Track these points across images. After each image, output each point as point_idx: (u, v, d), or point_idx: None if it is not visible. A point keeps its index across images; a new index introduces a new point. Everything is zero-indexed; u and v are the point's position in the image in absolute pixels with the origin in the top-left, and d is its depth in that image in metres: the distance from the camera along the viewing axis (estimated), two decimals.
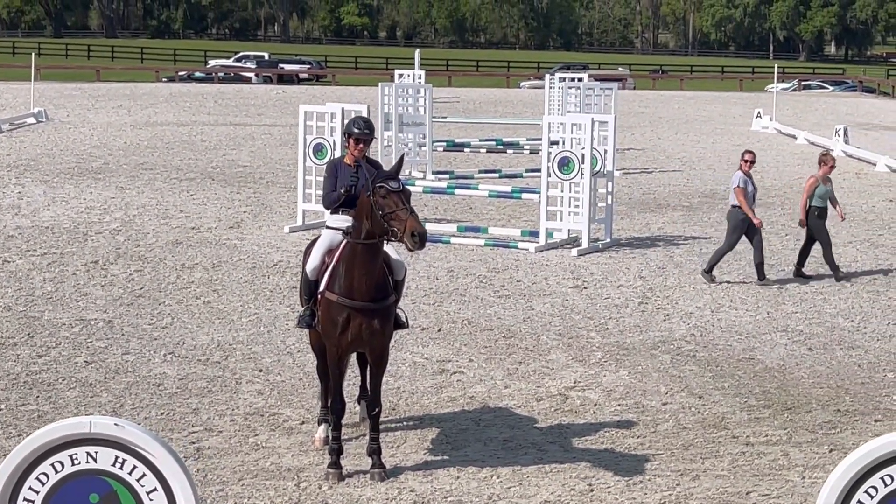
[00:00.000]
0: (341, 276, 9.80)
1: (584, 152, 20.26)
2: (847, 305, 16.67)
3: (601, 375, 12.99)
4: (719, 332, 15.00)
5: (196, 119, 45.40)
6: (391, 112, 28.88)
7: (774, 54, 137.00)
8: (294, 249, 19.26)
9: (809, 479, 10.02)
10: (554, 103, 36.07)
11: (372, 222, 9.49)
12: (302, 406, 11.67)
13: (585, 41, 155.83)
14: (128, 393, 11.98)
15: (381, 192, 9.43)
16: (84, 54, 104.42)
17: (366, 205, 9.54)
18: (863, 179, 30.92)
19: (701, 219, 23.95)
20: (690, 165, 33.72)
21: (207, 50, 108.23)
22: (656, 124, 48.31)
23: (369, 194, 9.50)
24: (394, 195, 9.41)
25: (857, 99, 73.27)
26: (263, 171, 30.03)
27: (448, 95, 60.90)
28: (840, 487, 6.86)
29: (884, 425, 11.42)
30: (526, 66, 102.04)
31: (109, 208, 23.33)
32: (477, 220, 23.09)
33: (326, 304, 9.90)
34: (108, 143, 35.78)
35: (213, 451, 10.40)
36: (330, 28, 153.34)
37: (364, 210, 9.57)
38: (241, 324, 14.83)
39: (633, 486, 9.79)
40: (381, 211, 9.39)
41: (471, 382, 12.65)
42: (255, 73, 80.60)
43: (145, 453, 6.79)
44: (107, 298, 15.99)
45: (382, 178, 9.54)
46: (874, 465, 6.84)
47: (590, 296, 16.91)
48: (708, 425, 11.42)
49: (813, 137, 41.09)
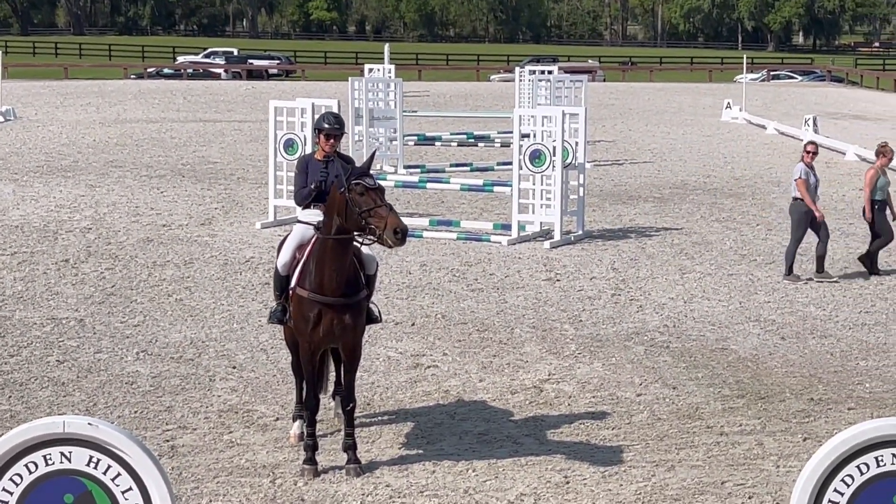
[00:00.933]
0: (312, 272, 9.76)
1: (556, 145, 20.28)
2: (819, 294, 16.74)
3: (575, 368, 13.00)
4: (692, 323, 15.03)
5: (165, 116, 45.22)
6: (361, 107, 28.83)
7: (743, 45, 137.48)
8: (266, 245, 19.20)
9: (784, 468, 10.05)
10: (524, 96, 36.08)
11: (347, 219, 9.44)
12: (276, 402, 11.64)
13: (555, 34, 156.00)
14: (101, 392, 11.91)
15: (359, 188, 9.38)
16: (52, 52, 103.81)
17: (339, 201, 9.48)
18: (832, 169, 31.05)
19: (672, 210, 24.00)
20: (661, 157, 33.79)
21: (176, 46, 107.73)
22: (626, 116, 48.41)
23: (343, 191, 9.44)
24: (371, 192, 9.38)
25: (826, 88, 73.61)
26: (234, 167, 29.94)
27: (418, 89, 60.87)
28: (816, 477, 6.89)
29: (857, 413, 11.47)
30: (496, 59, 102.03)
31: (79, 206, 23.21)
32: (449, 213, 23.08)
33: (298, 300, 9.87)
34: (77, 140, 35.60)
35: (187, 449, 10.35)
36: (299, 23, 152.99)
37: (336, 206, 9.51)
38: (213, 321, 14.78)
39: (608, 478, 9.80)
40: (359, 208, 9.34)
41: (445, 376, 12.64)
42: (224, 69, 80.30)
43: (120, 452, 6.75)
44: (78, 297, 15.90)
45: (357, 175, 9.48)
46: (850, 454, 6.86)
47: (563, 288, 16.93)
48: (682, 416, 11.44)
49: (782, 127, 41.26)
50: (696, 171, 30.28)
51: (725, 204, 24.80)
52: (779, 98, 61.08)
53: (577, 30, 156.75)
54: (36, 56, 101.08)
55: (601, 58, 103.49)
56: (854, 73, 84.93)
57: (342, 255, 9.65)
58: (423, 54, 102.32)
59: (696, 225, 22.21)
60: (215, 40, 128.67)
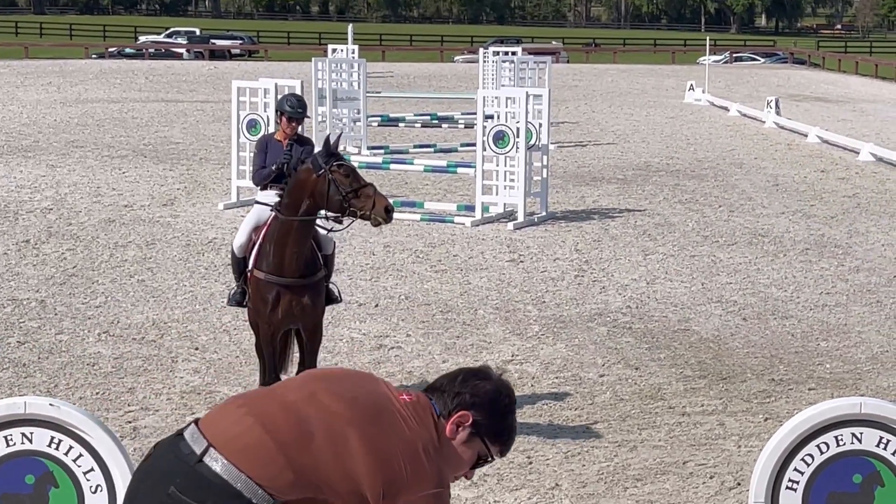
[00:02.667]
0: (269, 254, 9.73)
1: (519, 126, 20.29)
2: (780, 276, 16.84)
3: (538, 348, 13.03)
4: (655, 304, 15.09)
5: (127, 96, 44.94)
6: (325, 87, 28.75)
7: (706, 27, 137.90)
8: (229, 227, 19.13)
9: (745, 447, 10.11)
10: (488, 77, 36.06)
11: (327, 201, 9.38)
12: (239, 384, 11.61)
13: (518, 15, 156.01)
14: (62, 373, 11.85)
15: (342, 170, 9.34)
16: (12, 31, 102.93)
17: (314, 182, 9.38)
18: (794, 150, 31.21)
19: (636, 191, 24.07)
20: (624, 138, 33.87)
21: (137, 26, 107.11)
22: (590, 97, 48.47)
23: (323, 172, 9.35)
24: (354, 173, 9.38)
25: (788, 70, 73.92)
26: (196, 147, 29.80)
27: (382, 70, 60.73)
28: (777, 456, 6.94)
29: (817, 393, 11.55)
30: (459, 40, 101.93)
31: (40, 187, 23.05)
32: (413, 194, 23.07)
33: (255, 282, 9.86)
34: (38, 120, 35.34)
35: (149, 430, 10.32)
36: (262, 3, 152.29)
37: (309, 188, 9.42)
38: (176, 302, 14.72)
39: (571, 458, 9.84)
40: (344, 189, 9.29)
41: (409, 357, 12.65)
42: (187, 48, 79.85)
43: (81, 433, 6.72)
44: (39, 278, 15.81)
45: (331, 157, 9.41)
46: (811, 433, 6.92)
47: (526, 269, 16.96)
48: (645, 396, 11.49)
49: (745, 109, 41.42)
50: (660, 153, 30.37)
51: (688, 185, 24.89)
52: (741, 80, 61.30)
53: (541, 11, 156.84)
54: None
55: (564, 39, 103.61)
56: (816, 55, 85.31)
57: (304, 237, 9.63)
58: (386, 35, 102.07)
59: (659, 206, 22.28)
60: (177, 20, 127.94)
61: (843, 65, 76.42)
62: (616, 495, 9.17)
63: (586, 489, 9.25)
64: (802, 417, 6.98)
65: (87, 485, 6.75)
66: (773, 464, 6.94)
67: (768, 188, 24.56)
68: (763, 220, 20.87)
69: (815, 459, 6.92)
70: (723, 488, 9.31)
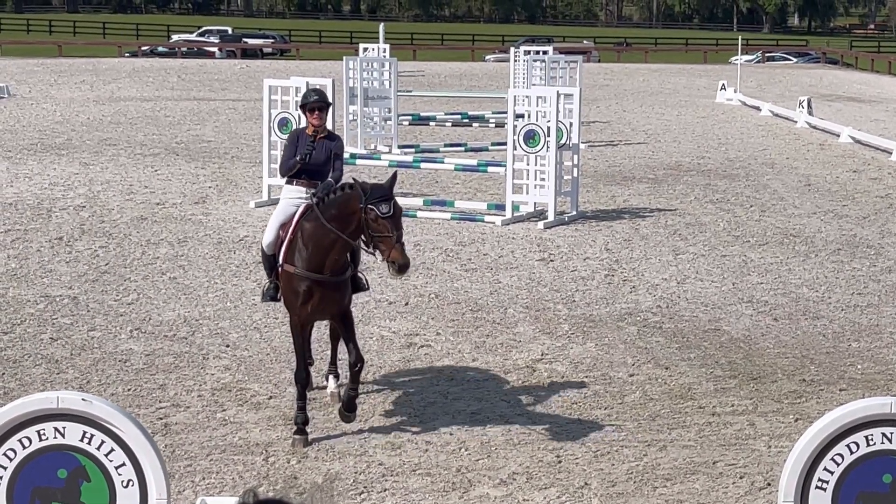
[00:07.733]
0: (302, 251, 9.89)
1: (550, 125, 20.27)
2: (811, 276, 16.77)
3: (568, 348, 13.03)
4: (685, 304, 15.06)
5: (159, 94, 45.13)
6: (356, 86, 28.78)
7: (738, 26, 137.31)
8: (260, 224, 19.19)
9: (775, 448, 10.09)
10: (519, 76, 36.02)
11: (363, 232, 9.62)
12: (269, 381, 11.66)
13: (550, 14, 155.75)
14: (94, 369, 11.93)
15: (371, 214, 9.50)
16: (45, 30, 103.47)
17: (359, 212, 9.56)
18: (826, 150, 31.06)
19: (666, 191, 24.02)
20: (655, 138, 33.78)
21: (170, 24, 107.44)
22: (621, 97, 48.37)
23: (362, 208, 9.53)
24: (382, 220, 9.48)
25: (821, 70, 73.54)
26: (228, 146, 29.90)
27: (413, 69, 60.77)
28: (806, 456, 6.92)
29: (848, 394, 11.51)
30: (490, 39, 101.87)
31: (73, 184, 23.18)
32: (443, 193, 23.08)
33: (287, 276, 10.05)
34: (71, 118, 35.53)
35: (180, 427, 10.38)
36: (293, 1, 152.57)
37: (357, 216, 9.59)
38: (207, 299, 14.79)
39: (600, 457, 9.84)
40: (371, 231, 9.50)
41: (438, 356, 12.67)
42: (219, 47, 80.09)
43: (113, 428, 6.77)
44: (72, 275, 15.90)
45: (376, 198, 9.54)
46: (841, 433, 6.90)
47: (556, 268, 16.95)
48: (674, 396, 11.48)
49: (777, 109, 41.24)
50: (691, 153, 30.28)
51: (719, 185, 24.81)
52: (773, 80, 61.04)
53: (573, 10, 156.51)
54: (30, 34, 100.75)
55: (596, 38, 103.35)
56: (849, 55, 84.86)
57: (345, 250, 9.86)
58: (418, 34, 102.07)
59: (690, 206, 22.23)
60: (210, 18, 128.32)
61: (876, 64, 75.97)
62: (645, 495, 9.17)
63: (615, 488, 9.25)
64: (832, 417, 6.96)
65: (118, 479, 6.80)
66: (802, 463, 6.93)
67: (800, 188, 24.46)
68: (794, 220, 20.79)
69: (845, 459, 6.90)
70: (753, 488, 9.30)
